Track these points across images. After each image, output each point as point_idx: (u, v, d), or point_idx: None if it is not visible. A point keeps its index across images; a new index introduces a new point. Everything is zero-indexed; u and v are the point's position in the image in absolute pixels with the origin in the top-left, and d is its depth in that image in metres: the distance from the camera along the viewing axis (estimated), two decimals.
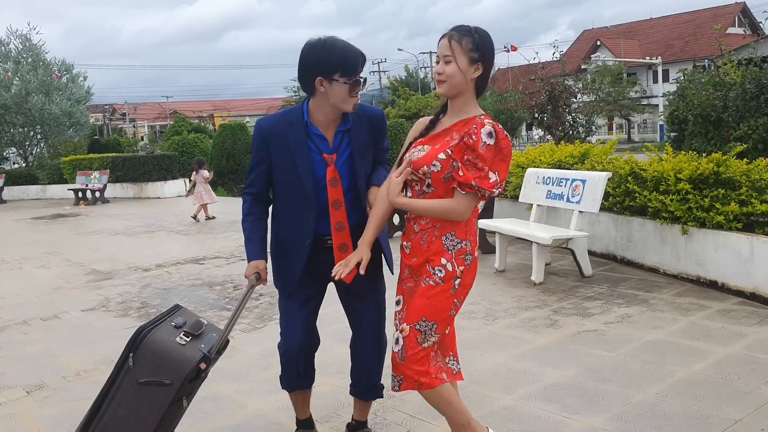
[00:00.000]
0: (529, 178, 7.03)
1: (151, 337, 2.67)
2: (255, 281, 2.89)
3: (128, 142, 33.82)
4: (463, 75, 2.56)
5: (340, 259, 2.81)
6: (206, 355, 2.70)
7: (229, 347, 4.74)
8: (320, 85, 2.74)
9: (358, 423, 3.23)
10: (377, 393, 3.15)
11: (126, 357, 2.67)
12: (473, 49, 2.55)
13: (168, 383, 2.64)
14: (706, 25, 45.54)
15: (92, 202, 18.26)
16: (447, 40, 2.56)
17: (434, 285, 2.59)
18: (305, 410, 3.21)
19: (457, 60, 2.54)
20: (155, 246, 9.94)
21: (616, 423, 3.28)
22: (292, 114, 2.89)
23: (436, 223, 2.61)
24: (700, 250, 5.61)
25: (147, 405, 2.66)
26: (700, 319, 4.79)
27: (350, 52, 2.72)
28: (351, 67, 2.71)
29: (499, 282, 6.25)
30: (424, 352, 2.60)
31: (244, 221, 2.96)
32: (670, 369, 3.90)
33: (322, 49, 2.71)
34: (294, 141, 2.82)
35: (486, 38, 2.58)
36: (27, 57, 25.46)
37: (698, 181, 5.64)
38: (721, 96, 8.41)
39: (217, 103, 72.98)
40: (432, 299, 2.59)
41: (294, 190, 2.86)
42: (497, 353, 4.34)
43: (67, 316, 6.01)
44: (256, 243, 2.93)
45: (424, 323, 2.59)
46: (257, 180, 2.93)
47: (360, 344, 3.05)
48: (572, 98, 12.51)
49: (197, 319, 2.82)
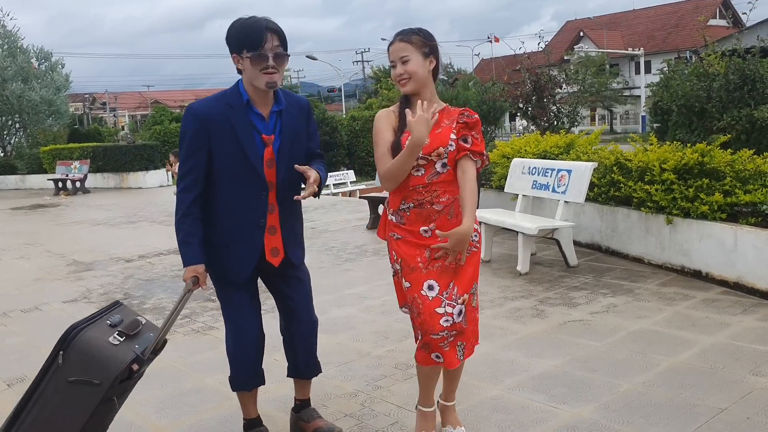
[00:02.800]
0: (514, 169, 7.02)
1: (83, 335, 2.60)
2: (191, 285, 2.78)
3: (109, 132, 33.42)
4: (423, 70, 2.78)
5: (269, 241, 2.88)
6: (139, 357, 2.63)
7: (213, 338, 4.73)
8: (237, 63, 2.78)
9: (303, 401, 3.23)
10: (318, 368, 3.19)
11: (56, 355, 2.59)
12: (423, 45, 2.79)
13: (97, 383, 2.56)
14: (688, 16, 45.86)
15: (73, 192, 18.03)
16: (399, 42, 2.79)
17: (476, 250, 2.86)
18: (255, 407, 3.16)
19: (414, 57, 2.77)
20: (137, 237, 9.83)
21: (603, 412, 3.29)
22: (229, 96, 2.84)
23: (454, 195, 2.81)
24: (685, 240, 5.64)
25: (75, 404, 2.59)
26: (685, 308, 4.82)
27: (253, 27, 2.72)
28: (254, 41, 2.69)
29: (485, 272, 6.24)
30: (475, 312, 2.92)
31: (181, 222, 2.81)
32: (656, 358, 3.92)
33: (231, 27, 2.77)
34: (238, 123, 2.78)
35: (429, 34, 2.84)
36: (2, 44, 24.97)
37: (683, 171, 5.66)
38: (704, 87, 8.45)
39: (199, 92, 72.25)
40: (475, 264, 2.87)
41: (241, 173, 2.80)
42: (484, 343, 4.30)
43: (48, 308, 5.92)
44: (195, 246, 2.81)
45: (474, 287, 2.87)
46: (194, 171, 2.79)
47: (294, 324, 3.06)
48: (557, 89, 12.50)
49: (135, 317, 2.75)
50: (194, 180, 2.81)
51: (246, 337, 2.95)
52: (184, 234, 2.81)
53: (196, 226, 2.82)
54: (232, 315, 2.96)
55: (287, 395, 3.45)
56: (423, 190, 2.79)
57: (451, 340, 2.78)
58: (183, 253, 2.82)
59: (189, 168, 2.81)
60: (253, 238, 2.87)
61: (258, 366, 3.03)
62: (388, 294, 5.65)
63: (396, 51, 2.78)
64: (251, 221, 2.86)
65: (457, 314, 2.77)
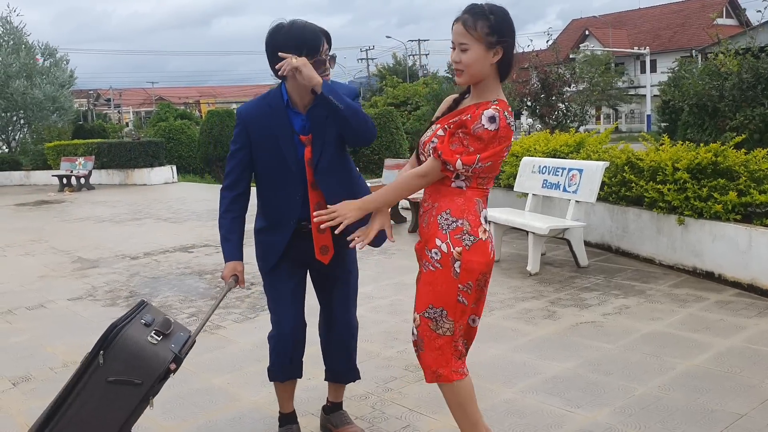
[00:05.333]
0: (524, 168, 6.95)
1: (123, 334, 2.57)
2: (234, 284, 2.85)
3: (113, 128, 33.38)
4: (483, 62, 2.39)
5: (319, 239, 2.84)
6: (177, 356, 2.63)
7: (221, 338, 4.67)
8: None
9: (334, 404, 3.23)
10: (355, 374, 3.16)
11: (96, 354, 2.56)
12: (490, 33, 2.36)
13: (138, 383, 2.56)
14: (694, 15, 45.66)
15: (77, 189, 17.99)
16: (461, 26, 2.38)
17: (433, 270, 2.48)
18: (291, 402, 3.16)
19: (474, 48, 2.37)
20: (143, 234, 9.78)
21: (619, 417, 3.22)
22: (271, 97, 2.90)
23: (434, 202, 2.51)
24: (697, 241, 5.57)
25: (114, 404, 2.57)
26: (699, 310, 4.74)
27: (309, 31, 2.73)
28: (312, 46, 2.70)
29: (494, 272, 6.10)
30: (441, 340, 2.50)
31: (222, 218, 2.91)
32: (670, 361, 3.85)
33: (283, 32, 2.73)
34: (276, 123, 2.82)
35: (503, 17, 2.38)
36: (8, 40, 24.93)
37: (696, 170, 5.58)
38: (717, 85, 8.36)
39: (203, 89, 72.41)
40: (433, 284, 2.48)
41: (279, 172, 2.84)
42: (496, 345, 4.27)
43: (53, 305, 5.87)
44: (235, 243, 2.89)
45: (431, 310, 2.49)
46: (237, 169, 2.88)
47: (333, 327, 3.05)
48: (566, 87, 12.42)
49: (165, 317, 2.74)
50: (236, 179, 2.89)
51: (284, 327, 2.94)
52: (225, 230, 2.90)
53: (235, 224, 2.90)
54: (272, 306, 2.98)
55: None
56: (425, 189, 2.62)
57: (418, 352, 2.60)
58: (224, 249, 2.90)
59: (232, 167, 2.89)
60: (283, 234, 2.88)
61: (295, 358, 3.01)
62: (396, 294, 5.59)
63: (457, 34, 2.39)
64: (285, 219, 2.88)
65: (414, 329, 2.57)
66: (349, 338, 3.08)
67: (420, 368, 2.63)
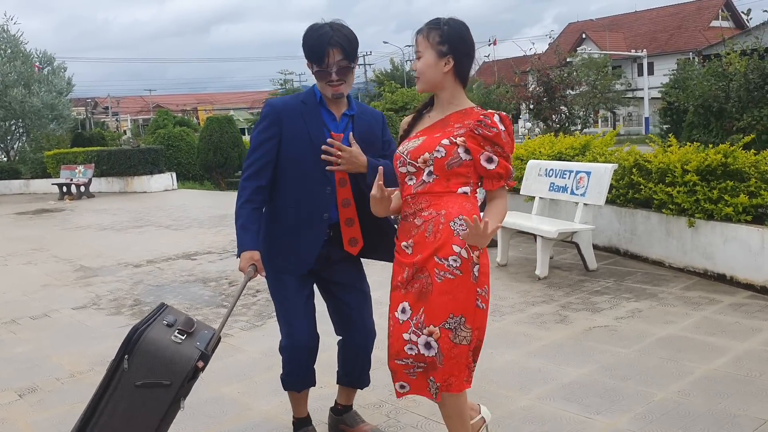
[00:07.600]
0: (530, 171, 6.90)
1: (146, 336, 2.53)
2: (253, 272, 2.78)
3: (111, 136, 33.28)
4: (434, 70, 2.48)
5: (347, 232, 2.86)
6: (204, 353, 2.58)
7: (229, 346, 4.60)
8: (309, 68, 2.85)
9: (345, 407, 3.22)
10: (368, 379, 3.16)
11: (121, 359, 2.51)
12: (441, 43, 2.47)
13: (167, 384, 2.50)
14: (690, 18, 45.72)
15: (77, 197, 17.92)
16: (417, 36, 2.52)
17: (452, 278, 2.40)
18: (305, 408, 3.15)
19: (426, 55, 2.49)
20: (145, 241, 9.71)
21: (640, 423, 3.16)
22: (304, 94, 2.96)
23: (441, 209, 2.43)
24: (708, 243, 5.51)
25: (146, 408, 2.51)
26: (713, 313, 4.69)
27: (317, 41, 2.75)
28: (317, 56, 2.75)
29: (503, 276, 6.12)
30: (459, 350, 2.44)
31: (242, 208, 2.81)
32: (688, 366, 3.79)
33: (304, 36, 2.81)
34: (308, 117, 2.85)
35: (456, 29, 2.48)
36: (5, 48, 24.87)
37: (706, 172, 5.53)
38: (723, 86, 8.32)
39: (201, 96, 72.29)
40: (453, 293, 2.40)
41: (309, 166, 2.83)
42: (509, 351, 4.21)
43: (57, 315, 5.80)
44: (253, 233, 2.82)
45: (452, 320, 2.41)
46: (261, 160, 2.83)
47: (351, 333, 3.03)
48: (569, 89, 12.38)
49: (187, 316, 2.70)
50: (260, 170, 2.83)
51: (298, 338, 2.90)
52: (243, 220, 2.81)
53: (256, 215, 2.84)
54: (283, 315, 2.94)
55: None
56: (411, 201, 2.51)
57: (419, 371, 2.50)
58: (240, 239, 2.80)
59: (257, 157, 2.84)
60: (317, 230, 2.87)
61: (310, 367, 2.99)
62: None
63: (416, 44, 2.53)
64: (316, 214, 2.86)
65: (423, 345, 2.44)
66: (365, 342, 3.05)
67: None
